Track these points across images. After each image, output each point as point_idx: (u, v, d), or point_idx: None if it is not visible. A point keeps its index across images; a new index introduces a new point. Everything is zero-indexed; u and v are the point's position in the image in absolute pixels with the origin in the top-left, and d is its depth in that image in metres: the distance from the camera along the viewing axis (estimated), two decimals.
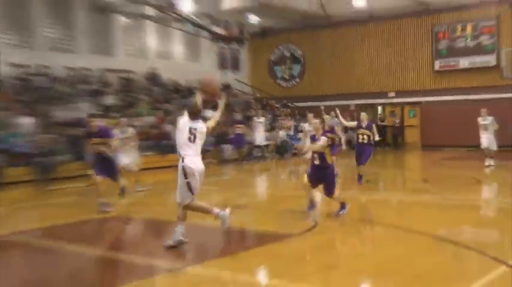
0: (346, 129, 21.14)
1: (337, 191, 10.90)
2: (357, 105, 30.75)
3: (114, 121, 17.98)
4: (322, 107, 17.80)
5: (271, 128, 28.14)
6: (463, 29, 30.29)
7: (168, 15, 29.94)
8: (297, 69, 35.17)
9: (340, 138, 15.77)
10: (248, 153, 25.73)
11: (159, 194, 16.70)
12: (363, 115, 16.26)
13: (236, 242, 9.61)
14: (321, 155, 10.70)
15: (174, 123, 24.79)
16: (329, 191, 10.82)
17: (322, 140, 10.60)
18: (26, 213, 13.91)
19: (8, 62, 24.20)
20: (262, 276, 7.52)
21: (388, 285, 6.80)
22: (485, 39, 29.81)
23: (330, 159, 10.78)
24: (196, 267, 7.70)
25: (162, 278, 7.48)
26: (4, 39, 25.10)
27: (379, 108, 33.52)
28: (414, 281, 6.81)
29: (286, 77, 35.48)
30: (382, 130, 28.06)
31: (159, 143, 23.88)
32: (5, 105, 20.85)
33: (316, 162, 10.80)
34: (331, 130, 13.54)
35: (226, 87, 32.89)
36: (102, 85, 26.94)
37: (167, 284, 7.18)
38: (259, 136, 25.65)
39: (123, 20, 29.72)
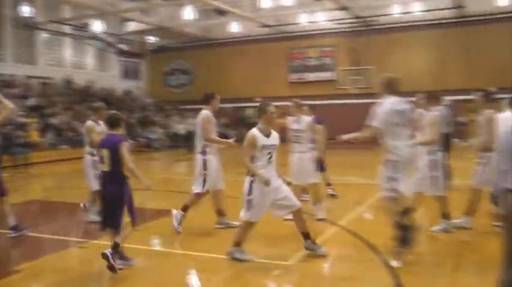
0: None
1: None
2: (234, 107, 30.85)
3: None
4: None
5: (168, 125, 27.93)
6: (311, 52, 31.19)
7: (82, 33, 28.97)
8: (185, 79, 34.93)
9: None
10: None
11: (72, 180, 16.02)
12: None
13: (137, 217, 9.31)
14: None
15: (83, 122, 23.94)
16: None
17: None
18: None
19: None
20: (157, 245, 7.35)
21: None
22: (326, 60, 30.80)
23: None
24: (102, 240, 7.37)
25: (74, 250, 7.15)
26: None
27: (247, 110, 33.31)
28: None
29: (177, 85, 35.18)
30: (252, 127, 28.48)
31: (72, 138, 22.82)
32: None
33: None
34: None
35: (128, 93, 32.31)
36: (26, 89, 25.49)
37: (79, 255, 6.85)
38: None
39: (44, 35, 28.25)
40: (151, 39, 33.66)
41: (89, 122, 8.71)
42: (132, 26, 29.29)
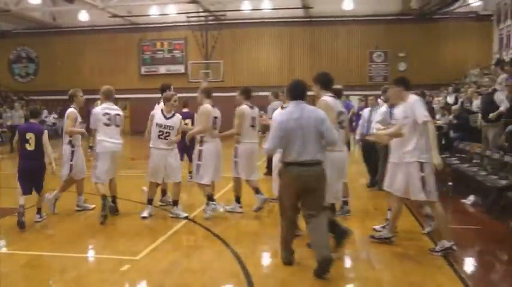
0: None
1: None
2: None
3: None
4: None
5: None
6: (162, 44, 30.87)
7: None
8: (32, 67, 32.72)
9: None
10: None
11: None
12: None
13: None
14: None
15: None
16: None
17: None
18: None
19: None
20: (1, 247, 6.84)
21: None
22: (177, 53, 30.69)
23: None
24: None
25: None
26: None
27: (98, 102, 31.69)
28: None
29: (23, 74, 32.84)
30: None
31: None
32: None
33: None
34: None
35: None
36: None
37: None
38: None
39: None
40: None
41: (71, 109, 8.31)
42: None
